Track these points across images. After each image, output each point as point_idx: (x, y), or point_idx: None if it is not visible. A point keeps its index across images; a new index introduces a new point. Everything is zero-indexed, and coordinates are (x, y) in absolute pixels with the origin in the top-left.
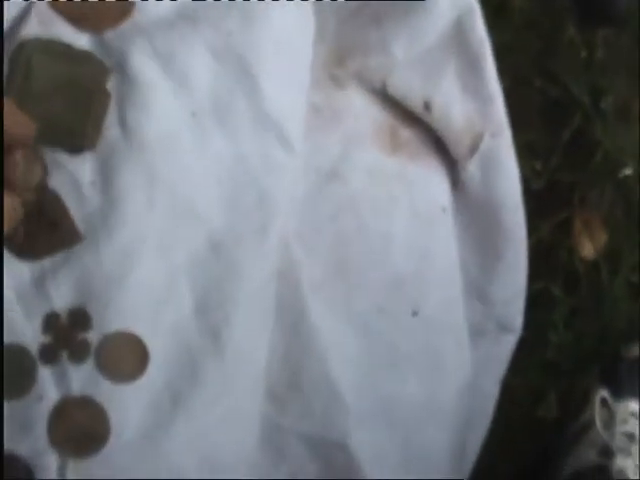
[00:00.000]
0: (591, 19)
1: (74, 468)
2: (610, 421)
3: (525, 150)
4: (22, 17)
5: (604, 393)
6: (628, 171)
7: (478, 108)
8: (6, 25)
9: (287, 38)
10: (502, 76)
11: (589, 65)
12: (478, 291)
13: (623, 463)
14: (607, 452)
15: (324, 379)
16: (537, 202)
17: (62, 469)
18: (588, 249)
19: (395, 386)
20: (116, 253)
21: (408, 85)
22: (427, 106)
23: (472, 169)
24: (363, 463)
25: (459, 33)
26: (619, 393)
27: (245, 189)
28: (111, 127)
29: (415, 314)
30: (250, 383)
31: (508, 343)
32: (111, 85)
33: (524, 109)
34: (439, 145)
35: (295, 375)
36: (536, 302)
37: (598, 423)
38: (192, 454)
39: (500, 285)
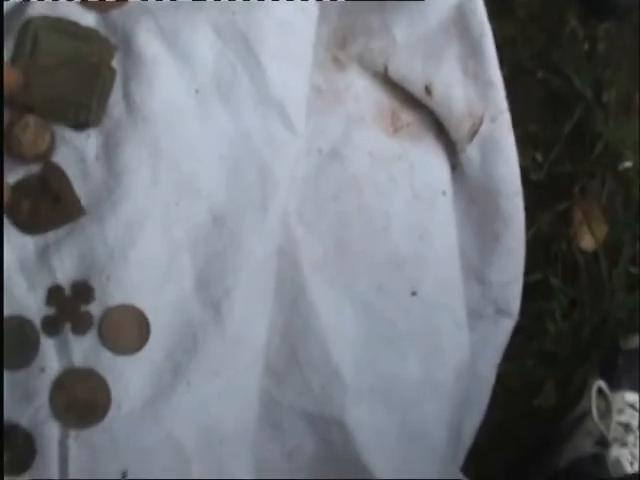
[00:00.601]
0: (593, 12)
1: (75, 438)
2: (606, 411)
3: (526, 141)
4: None
5: (601, 383)
6: (628, 163)
7: (478, 92)
8: (13, 3)
9: (290, 19)
10: (504, 68)
11: (591, 58)
12: (476, 274)
13: (619, 453)
14: (603, 442)
15: (323, 356)
16: (537, 193)
17: (63, 439)
18: (588, 240)
19: (393, 364)
20: (120, 227)
21: (409, 68)
22: (428, 89)
23: (471, 152)
24: (360, 440)
25: (460, 17)
26: (616, 384)
27: (247, 165)
28: (116, 103)
29: (414, 294)
30: (250, 357)
31: (505, 327)
32: (116, 62)
33: (526, 100)
34: (440, 128)
35: (294, 352)
36: (535, 292)
37: (594, 413)
38: (191, 425)
39: (498, 268)
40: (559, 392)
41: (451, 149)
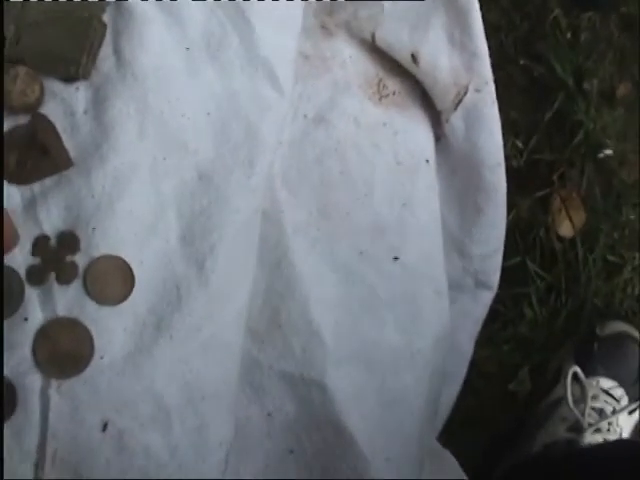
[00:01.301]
0: (577, 2)
1: (57, 388)
2: (581, 397)
3: (507, 128)
4: None
5: (577, 369)
6: (608, 151)
7: (464, 62)
8: None
9: None
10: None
11: (574, 47)
12: (457, 246)
13: (592, 439)
14: (577, 428)
15: (304, 318)
16: (517, 179)
17: (45, 389)
18: (566, 227)
19: (373, 330)
20: (107, 180)
21: (396, 37)
22: (414, 58)
23: (456, 123)
24: (340, 403)
25: None
26: (591, 370)
27: (234, 123)
28: (106, 58)
29: (396, 259)
30: (232, 314)
31: (484, 300)
32: (107, 17)
33: (508, 87)
34: (425, 98)
35: (276, 313)
36: (512, 277)
37: (569, 399)
38: (173, 379)
39: (479, 240)
40: (534, 378)
41: (436, 119)
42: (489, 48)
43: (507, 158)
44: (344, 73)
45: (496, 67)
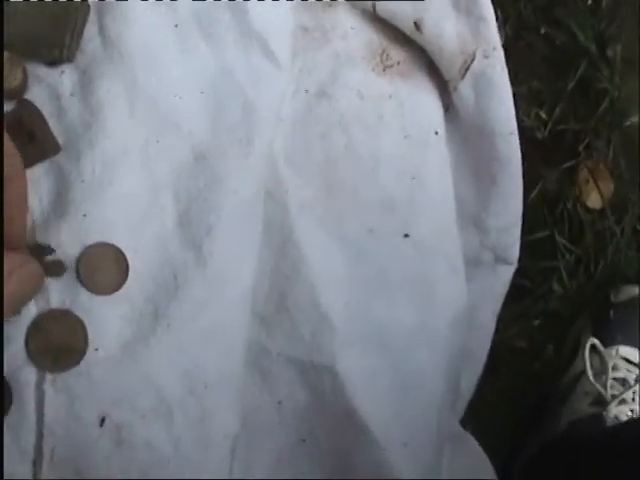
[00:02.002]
0: None
1: (52, 382)
2: (602, 368)
3: (530, 98)
4: None
5: (594, 340)
6: (634, 119)
7: (470, 27)
8: None
9: None
10: (507, 24)
11: (595, 13)
12: (473, 219)
13: (617, 411)
14: (601, 401)
15: (312, 301)
16: (542, 151)
17: (40, 383)
18: (594, 198)
19: (385, 310)
20: (97, 164)
21: (398, 5)
22: (417, 26)
23: (464, 91)
24: (352, 388)
25: None
26: (609, 339)
27: (229, 101)
28: (91, 39)
29: (406, 236)
30: (234, 299)
31: (504, 274)
32: None
33: (529, 57)
34: (431, 66)
35: (283, 297)
36: (541, 251)
37: (589, 372)
38: (172, 369)
39: (495, 213)
40: (557, 352)
41: (443, 88)
42: (508, 17)
43: (531, 129)
44: (345, 45)
45: (516, 37)
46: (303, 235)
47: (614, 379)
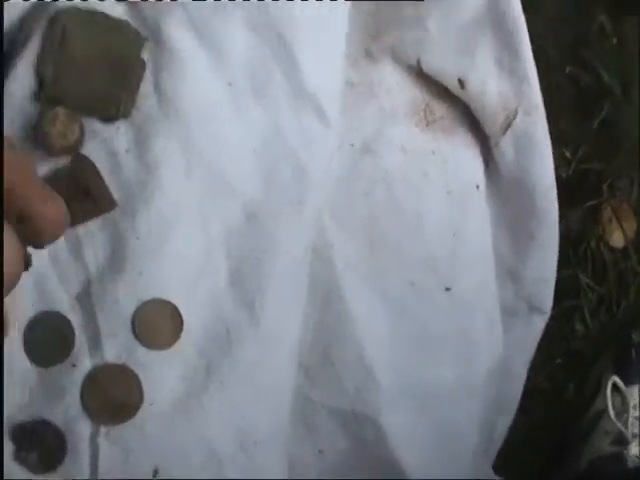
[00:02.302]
0: (622, 6)
1: (106, 435)
2: (623, 407)
3: (555, 138)
4: None
5: (616, 379)
6: None
7: (513, 86)
8: None
9: (323, 13)
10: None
11: (620, 53)
12: (510, 272)
13: (638, 450)
14: (621, 440)
15: (356, 355)
16: (566, 190)
17: (94, 435)
18: (617, 237)
19: (427, 366)
20: (153, 221)
21: (442, 61)
22: (461, 82)
23: (505, 147)
24: (394, 441)
25: (494, 9)
26: (631, 378)
27: (281, 161)
28: (146, 96)
29: (448, 290)
30: (284, 356)
31: (538, 324)
32: (146, 54)
33: (555, 97)
34: (473, 122)
35: (327, 350)
36: (563, 290)
37: (610, 411)
38: (225, 426)
39: (532, 265)
40: (579, 390)
41: (484, 143)
42: (535, 57)
43: (555, 168)
44: (390, 99)
45: (542, 76)
46: (348, 290)
47: (635, 418)
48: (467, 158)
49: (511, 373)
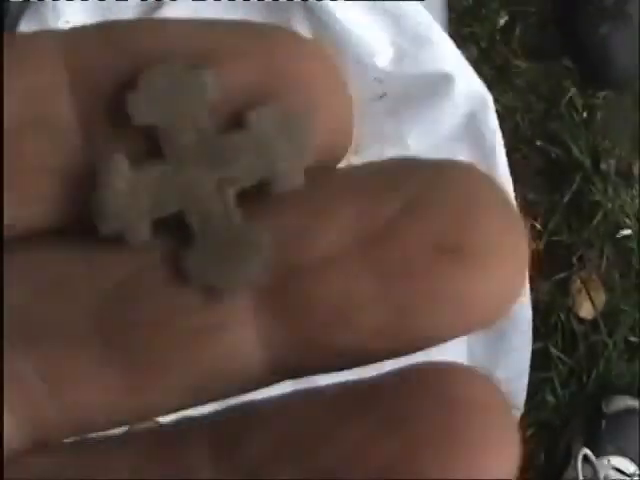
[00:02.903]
0: (592, 81)
1: None
2: (593, 478)
3: (525, 210)
4: None
5: (586, 451)
6: (627, 231)
7: None
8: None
9: None
10: (504, 136)
11: (590, 126)
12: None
13: None
14: None
15: None
16: (536, 262)
17: None
18: (587, 309)
19: None
20: None
21: None
22: None
23: None
24: None
25: (472, 125)
26: (601, 450)
27: None
28: None
29: None
30: None
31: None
32: None
33: (525, 169)
34: None
35: None
36: (533, 362)
37: None
38: None
39: (505, 365)
40: (548, 462)
41: None
42: (505, 130)
43: None
44: None
45: (512, 149)
46: None
47: None
48: None
49: None
